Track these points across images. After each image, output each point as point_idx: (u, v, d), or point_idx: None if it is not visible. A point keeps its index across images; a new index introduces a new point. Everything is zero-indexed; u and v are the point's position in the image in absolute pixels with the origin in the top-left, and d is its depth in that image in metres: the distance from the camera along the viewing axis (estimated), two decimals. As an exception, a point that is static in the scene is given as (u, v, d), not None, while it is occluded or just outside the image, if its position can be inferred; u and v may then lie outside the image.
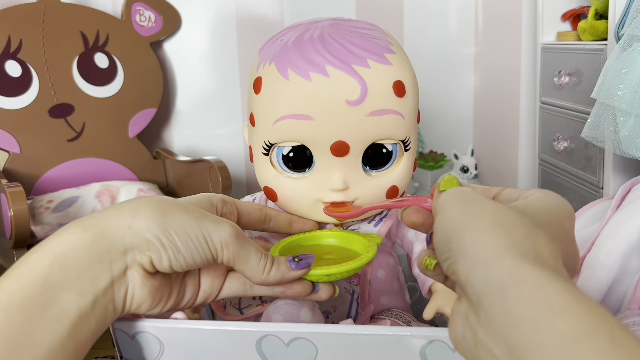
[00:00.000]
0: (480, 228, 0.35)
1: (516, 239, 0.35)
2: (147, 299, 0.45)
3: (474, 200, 0.38)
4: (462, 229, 0.36)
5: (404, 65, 0.55)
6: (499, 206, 0.38)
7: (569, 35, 1.31)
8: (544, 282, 0.32)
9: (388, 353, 0.46)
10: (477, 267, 0.34)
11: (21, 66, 1.28)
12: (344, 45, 0.53)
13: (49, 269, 0.41)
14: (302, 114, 0.53)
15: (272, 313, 0.52)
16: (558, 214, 0.39)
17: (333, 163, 0.55)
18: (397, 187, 0.58)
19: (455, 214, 0.38)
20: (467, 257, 0.35)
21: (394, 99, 0.53)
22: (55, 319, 0.40)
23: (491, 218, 0.36)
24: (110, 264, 0.42)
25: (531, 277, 0.32)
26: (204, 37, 1.51)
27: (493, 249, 0.34)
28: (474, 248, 0.35)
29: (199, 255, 0.44)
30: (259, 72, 0.55)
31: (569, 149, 1.28)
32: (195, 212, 0.45)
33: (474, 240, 0.35)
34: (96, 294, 0.42)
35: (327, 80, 0.52)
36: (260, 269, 0.46)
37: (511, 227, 0.35)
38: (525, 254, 0.33)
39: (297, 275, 0.48)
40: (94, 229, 0.43)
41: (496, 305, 0.32)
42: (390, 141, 0.55)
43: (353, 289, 0.59)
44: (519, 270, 0.32)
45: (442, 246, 0.37)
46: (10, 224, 0.99)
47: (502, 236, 0.35)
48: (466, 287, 0.35)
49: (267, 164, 0.57)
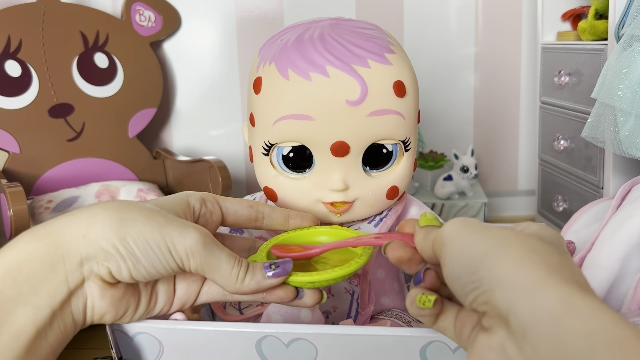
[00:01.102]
0: (514, 255, 0.34)
1: (554, 265, 0.33)
2: (109, 310, 0.43)
3: (488, 228, 0.36)
4: (491, 257, 0.34)
5: (404, 65, 0.55)
6: (520, 233, 0.36)
7: (569, 35, 1.31)
8: (596, 312, 0.30)
9: (388, 354, 0.46)
10: (521, 296, 0.32)
11: (21, 66, 1.28)
12: (344, 45, 0.53)
13: (1, 284, 0.38)
14: (302, 114, 0.52)
15: (272, 313, 0.52)
16: (561, 244, 0.37)
17: (333, 163, 0.55)
18: (398, 187, 0.57)
19: (475, 243, 0.35)
20: (506, 285, 0.32)
21: (394, 99, 0.53)
22: (10, 337, 0.37)
23: (521, 244, 0.34)
24: (67, 276, 0.40)
25: (583, 307, 0.30)
26: (204, 37, 1.51)
27: (535, 276, 0.32)
28: (512, 276, 0.33)
29: (161, 265, 0.41)
30: (259, 72, 0.55)
31: (569, 149, 1.28)
32: (159, 218, 0.42)
33: (511, 267, 0.33)
34: (53, 307, 0.39)
35: (328, 80, 0.51)
36: (233, 278, 0.43)
37: (545, 253, 0.34)
38: (568, 281, 0.32)
39: (274, 283, 0.44)
40: (48, 239, 0.40)
41: (546, 338, 0.30)
42: (391, 141, 0.55)
43: (353, 289, 0.59)
44: (568, 299, 0.31)
45: (466, 277, 0.35)
46: (10, 224, 0.99)
47: (540, 263, 0.33)
48: (508, 318, 0.32)
49: (267, 164, 0.57)
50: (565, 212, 1.32)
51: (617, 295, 0.63)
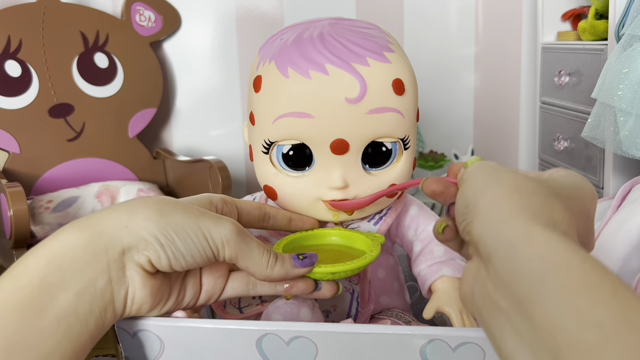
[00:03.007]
0: (498, 192, 0.37)
1: (532, 204, 0.36)
2: (148, 300, 0.44)
3: (497, 170, 0.40)
4: (480, 193, 0.38)
5: (403, 63, 0.55)
6: (521, 176, 0.39)
7: (569, 35, 1.31)
8: (552, 241, 0.33)
9: (388, 352, 0.46)
10: (490, 226, 0.36)
11: (21, 66, 1.28)
12: (344, 43, 0.53)
13: (45, 270, 0.40)
14: (302, 112, 0.53)
15: (272, 312, 0.52)
16: (579, 191, 0.40)
17: (333, 161, 0.55)
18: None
19: (477, 181, 0.39)
20: (481, 217, 0.37)
21: (393, 97, 0.53)
22: (51, 321, 0.39)
23: (510, 184, 0.38)
24: (108, 265, 0.42)
25: (541, 237, 0.33)
26: (204, 37, 1.51)
27: (507, 211, 0.36)
28: (489, 209, 0.37)
29: (199, 254, 0.44)
30: (259, 71, 0.56)
31: (569, 149, 1.28)
32: (194, 210, 0.45)
33: (490, 202, 0.37)
34: (94, 295, 0.41)
35: (327, 78, 0.52)
36: (264, 264, 0.46)
37: (529, 193, 0.37)
38: (537, 218, 0.35)
39: (301, 273, 0.48)
40: (91, 230, 0.42)
41: (505, 262, 0.34)
42: (390, 139, 0.55)
43: (353, 287, 0.59)
44: (529, 230, 0.34)
45: (461, 209, 0.39)
46: (10, 224, 0.99)
47: (518, 200, 0.36)
48: (478, 245, 0.36)
49: (267, 162, 0.57)
50: (565, 212, 1.32)
51: (617, 294, 0.64)
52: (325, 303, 0.59)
